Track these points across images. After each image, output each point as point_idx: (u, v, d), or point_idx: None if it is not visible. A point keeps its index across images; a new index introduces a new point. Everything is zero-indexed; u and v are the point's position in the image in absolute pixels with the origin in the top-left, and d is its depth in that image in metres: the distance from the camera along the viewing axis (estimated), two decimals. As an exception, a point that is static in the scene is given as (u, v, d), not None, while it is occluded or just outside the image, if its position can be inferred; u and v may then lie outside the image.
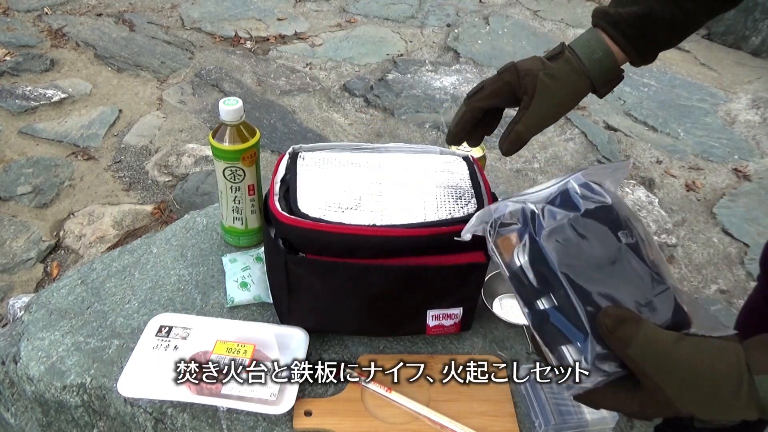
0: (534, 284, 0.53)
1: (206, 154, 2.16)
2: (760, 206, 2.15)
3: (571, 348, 0.51)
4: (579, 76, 0.71)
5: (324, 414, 0.72)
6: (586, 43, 0.71)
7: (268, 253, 0.80)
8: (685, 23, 0.70)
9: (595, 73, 0.71)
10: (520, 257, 0.54)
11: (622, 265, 0.52)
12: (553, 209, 0.55)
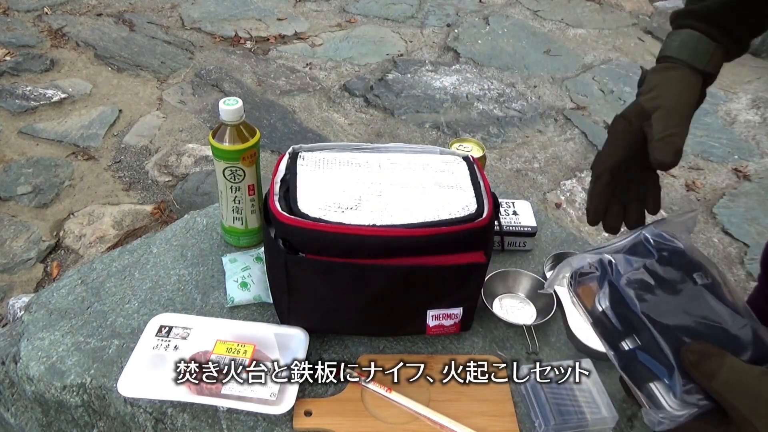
0: (618, 327, 0.56)
1: (206, 154, 2.16)
2: (760, 206, 2.15)
3: (658, 384, 0.53)
4: (682, 70, 0.66)
5: (324, 414, 0.72)
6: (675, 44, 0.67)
7: (268, 253, 0.80)
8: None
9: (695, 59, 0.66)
10: (601, 302, 0.57)
11: (700, 304, 0.55)
12: (629, 257, 0.58)
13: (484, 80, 2.79)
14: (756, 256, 1.93)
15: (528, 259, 0.98)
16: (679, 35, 0.68)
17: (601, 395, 0.75)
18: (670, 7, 3.64)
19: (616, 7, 3.61)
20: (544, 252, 0.99)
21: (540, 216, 1.04)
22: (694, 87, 0.66)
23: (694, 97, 0.66)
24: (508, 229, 0.97)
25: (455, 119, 2.51)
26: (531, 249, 1.00)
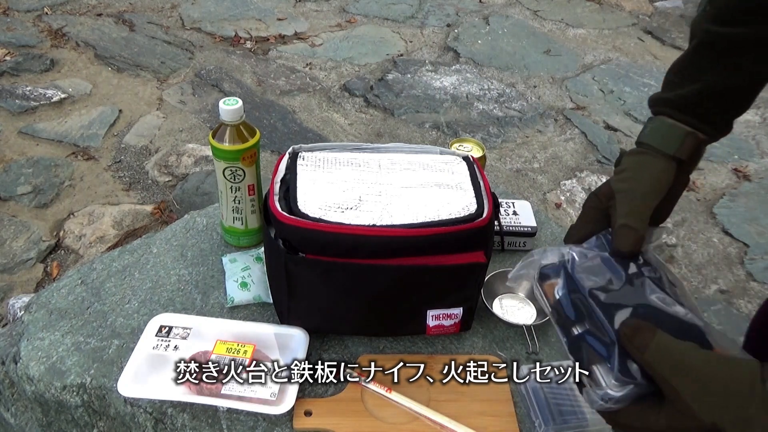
0: (570, 314, 0.59)
1: (206, 154, 2.16)
2: (760, 206, 2.15)
3: (601, 366, 0.55)
4: (651, 155, 0.67)
5: (324, 414, 0.72)
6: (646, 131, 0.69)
7: (268, 253, 0.80)
8: (750, 88, 0.67)
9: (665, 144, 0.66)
10: (558, 292, 0.61)
11: (644, 292, 0.58)
12: (585, 250, 0.63)
13: (484, 80, 2.79)
14: (756, 256, 1.93)
15: (528, 259, 0.98)
16: (653, 122, 0.69)
17: (601, 395, 0.74)
18: (670, 7, 3.64)
19: (616, 7, 3.61)
20: (544, 252, 0.99)
21: (540, 216, 1.04)
22: (664, 173, 0.66)
23: (662, 184, 0.66)
24: (508, 229, 0.97)
25: (455, 119, 2.51)
26: (531, 249, 1.00)
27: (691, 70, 0.68)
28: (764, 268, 1.89)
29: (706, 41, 0.67)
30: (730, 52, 0.65)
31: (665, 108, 0.68)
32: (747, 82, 0.66)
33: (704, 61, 0.67)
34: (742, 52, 0.65)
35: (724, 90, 0.66)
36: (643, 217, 0.63)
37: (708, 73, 0.66)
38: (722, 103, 0.67)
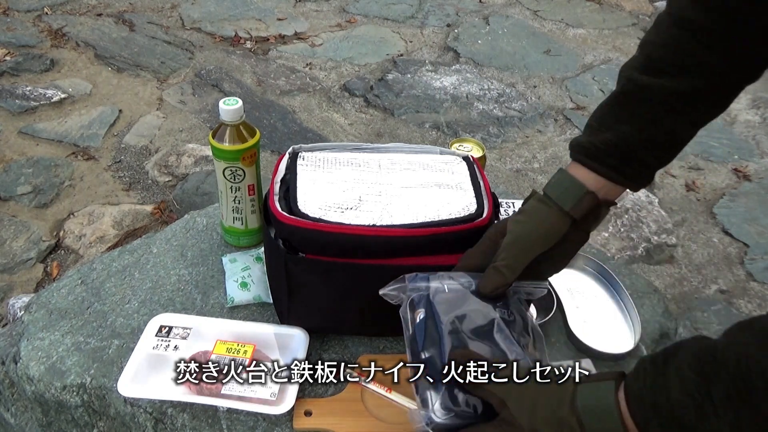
0: (423, 338, 0.64)
1: (206, 154, 2.16)
2: (760, 206, 2.15)
3: (433, 392, 0.61)
4: (547, 206, 0.67)
5: (324, 414, 0.72)
6: (552, 180, 0.70)
7: (268, 253, 0.80)
8: (668, 142, 0.66)
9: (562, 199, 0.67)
10: (418, 317, 0.65)
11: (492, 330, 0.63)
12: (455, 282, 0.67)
13: (484, 80, 2.79)
14: (756, 256, 1.93)
15: (528, 259, 0.98)
16: (560, 173, 0.69)
17: (601, 395, 0.74)
18: (670, 7, 3.64)
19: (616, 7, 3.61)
20: (544, 252, 0.99)
21: (540, 216, 1.04)
22: (554, 227, 0.66)
23: (550, 238, 0.66)
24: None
25: (455, 119, 2.51)
26: (531, 249, 1.00)
27: (609, 119, 0.67)
28: (764, 268, 1.89)
29: (626, 90, 0.65)
30: (650, 103, 0.64)
31: (579, 154, 0.68)
32: (663, 136, 0.65)
33: (623, 111, 0.66)
34: (662, 104, 0.63)
35: (638, 143, 0.64)
36: (517, 266, 0.65)
37: (625, 124, 0.65)
38: (635, 156, 0.65)
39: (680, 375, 0.49)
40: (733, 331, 0.49)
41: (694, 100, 0.63)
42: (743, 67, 0.63)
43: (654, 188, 2.21)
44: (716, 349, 0.49)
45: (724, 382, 0.47)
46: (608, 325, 0.88)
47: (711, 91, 0.64)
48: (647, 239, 1.97)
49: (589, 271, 0.96)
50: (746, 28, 0.60)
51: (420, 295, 0.67)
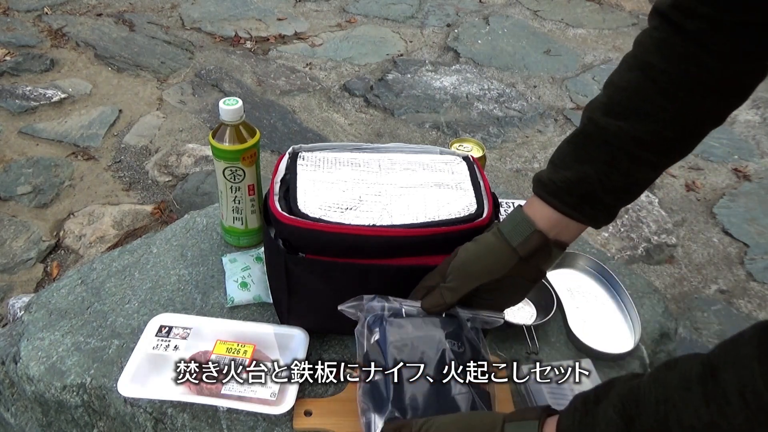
0: (376, 360, 0.66)
1: (206, 154, 2.16)
2: (760, 206, 2.15)
3: (378, 417, 0.64)
4: (497, 239, 0.68)
5: (324, 414, 0.72)
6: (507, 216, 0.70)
7: (268, 253, 0.80)
8: (627, 185, 0.65)
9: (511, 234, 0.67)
10: (372, 338, 0.68)
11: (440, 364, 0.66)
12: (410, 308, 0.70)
13: (484, 80, 2.79)
14: (756, 256, 1.93)
15: (528, 259, 0.98)
16: (515, 210, 0.69)
17: (601, 395, 0.74)
18: (670, 7, 3.63)
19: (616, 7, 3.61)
20: (544, 252, 0.99)
21: (540, 216, 1.04)
22: (499, 260, 0.67)
23: (494, 271, 0.67)
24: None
25: (455, 119, 2.51)
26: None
27: (569, 158, 0.66)
28: (764, 268, 1.89)
29: (587, 131, 0.65)
30: (609, 145, 0.63)
31: (538, 188, 0.68)
32: (622, 179, 0.64)
33: (582, 151, 0.65)
34: (620, 148, 0.63)
35: (597, 184, 0.64)
36: (459, 290, 0.68)
37: (585, 164, 0.64)
38: (594, 196, 0.65)
39: (606, 417, 0.52)
40: (660, 369, 0.51)
41: (653, 145, 0.63)
42: (705, 114, 0.62)
43: (654, 188, 2.21)
44: (639, 391, 0.50)
45: (644, 424, 0.49)
46: (608, 325, 0.88)
47: (671, 137, 0.63)
48: (647, 239, 1.97)
49: (589, 271, 0.96)
50: (709, 78, 0.59)
51: (375, 316, 0.69)
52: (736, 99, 0.62)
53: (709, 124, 0.64)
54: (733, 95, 0.62)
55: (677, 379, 0.48)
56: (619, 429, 0.50)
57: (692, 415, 0.45)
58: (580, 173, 0.64)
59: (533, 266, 0.67)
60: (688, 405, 0.46)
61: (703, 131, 0.64)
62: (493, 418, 0.61)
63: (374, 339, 0.68)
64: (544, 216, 0.66)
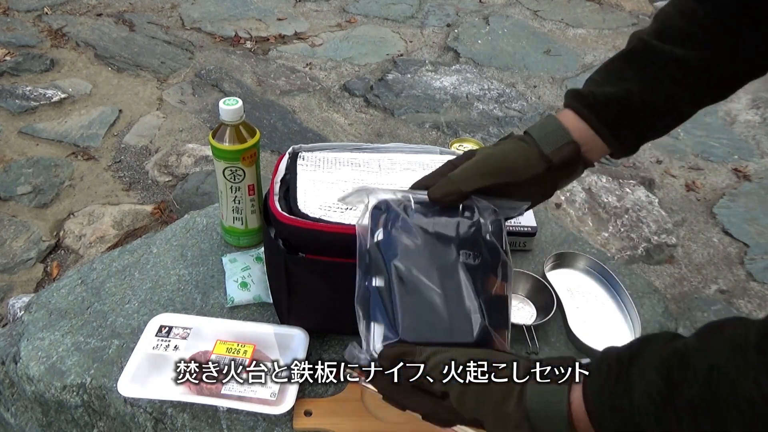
0: (375, 265, 0.60)
1: (206, 154, 2.16)
2: (760, 206, 2.15)
3: (378, 328, 0.58)
4: (526, 144, 0.66)
5: (324, 414, 0.72)
6: (537, 123, 0.68)
7: (268, 253, 0.80)
8: (666, 112, 0.65)
9: (543, 140, 0.65)
10: (378, 236, 0.60)
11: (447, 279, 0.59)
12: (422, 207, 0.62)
13: (484, 80, 2.79)
14: (756, 256, 1.93)
15: (528, 259, 0.98)
16: (548, 118, 0.67)
17: (601, 395, 0.74)
18: (670, 7, 3.63)
19: (616, 7, 3.61)
20: (544, 252, 0.99)
21: (540, 216, 1.04)
22: (527, 162, 0.64)
23: (518, 170, 0.64)
24: (508, 229, 0.97)
25: (455, 119, 2.51)
26: (531, 249, 1.00)
27: (613, 75, 0.66)
28: (764, 268, 1.89)
29: (637, 49, 0.66)
30: (656, 66, 0.64)
31: (574, 101, 0.67)
32: (663, 102, 0.64)
33: (629, 68, 0.66)
34: (667, 69, 0.63)
35: (638, 102, 0.64)
36: (471, 182, 0.63)
37: (628, 81, 0.64)
38: (632, 116, 0.65)
39: (644, 378, 0.47)
40: (704, 334, 0.47)
41: (700, 72, 0.63)
42: (754, 51, 0.63)
43: (654, 188, 2.21)
44: (686, 354, 0.46)
45: (691, 391, 0.44)
46: (608, 325, 0.88)
47: (718, 68, 0.63)
48: (647, 239, 1.97)
49: (589, 271, 0.96)
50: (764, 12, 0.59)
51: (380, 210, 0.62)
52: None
53: (753, 69, 0.64)
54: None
55: (730, 345, 0.44)
56: (662, 394, 0.45)
57: (750, 386, 0.42)
58: (623, 89, 0.64)
59: (553, 179, 0.66)
60: (745, 375, 0.42)
61: (746, 75, 0.64)
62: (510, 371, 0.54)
63: (376, 239, 0.61)
64: (577, 129, 0.65)
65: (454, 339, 0.57)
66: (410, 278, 0.58)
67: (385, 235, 0.60)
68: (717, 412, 0.43)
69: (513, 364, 0.54)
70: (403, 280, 0.58)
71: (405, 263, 0.58)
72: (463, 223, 0.62)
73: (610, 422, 0.48)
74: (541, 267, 0.95)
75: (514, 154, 0.65)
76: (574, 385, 0.51)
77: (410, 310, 0.57)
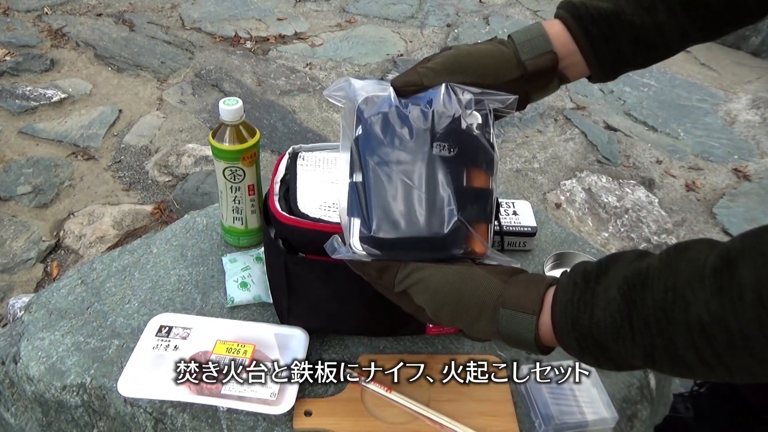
0: (356, 159, 0.60)
1: (206, 154, 2.16)
2: (760, 206, 2.15)
3: (355, 223, 0.58)
4: (504, 47, 0.64)
5: (324, 414, 0.72)
6: (524, 29, 0.66)
7: (268, 253, 0.80)
8: (654, 38, 0.64)
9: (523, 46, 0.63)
10: (356, 131, 0.61)
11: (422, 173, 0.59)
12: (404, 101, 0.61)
13: (484, 80, 2.79)
14: (756, 256, 1.93)
15: (528, 259, 0.98)
16: (533, 25, 0.66)
17: (602, 395, 0.75)
18: (670, 7, 3.63)
19: (616, 7, 3.61)
20: (544, 252, 0.99)
21: (540, 216, 1.04)
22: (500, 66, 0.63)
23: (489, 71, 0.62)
24: (508, 229, 0.97)
25: (455, 119, 2.52)
26: (531, 249, 1.00)
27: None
28: (764, 268, 1.89)
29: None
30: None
31: (564, 11, 0.65)
32: (652, 29, 0.63)
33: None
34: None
35: (628, 23, 0.63)
36: (437, 78, 0.62)
37: (623, 1, 0.63)
38: (618, 36, 0.64)
39: (607, 296, 0.49)
40: (669, 254, 0.48)
41: (695, 3, 0.63)
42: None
43: (654, 188, 2.21)
44: (647, 274, 0.47)
45: (647, 309, 0.46)
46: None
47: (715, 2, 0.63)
48: (647, 239, 1.97)
49: (589, 271, 0.96)
50: None
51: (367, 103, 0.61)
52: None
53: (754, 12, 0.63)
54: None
55: (690, 267, 0.45)
56: (621, 310, 0.48)
57: (701, 307, 0.43)
58: (616, 7, 0.63)
59: (527, 88, 0.65)
60: (699, 296, 0.44)
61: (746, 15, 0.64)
62: (488, 290, 0.56)
63: (356, 134, 0.60)
64: (561, 42, 0.64)
65: (425, 233, 0.58)
66: (383, 173, 0.58)
67: (364, 131, 0.60)
68: (669, 330, 0.45)
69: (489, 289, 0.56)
70: (377, 175, 0.58)
71: (379, 158, 0.59)
72: (440, 114, 0.61)
73: (571, 334, 0.51)
74: (541, 267, 0.94)
75: (488, 55, 0.64)
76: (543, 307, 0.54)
77: (382, 206, 0.58)
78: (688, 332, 0.44)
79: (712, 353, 0.44)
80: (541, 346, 0.55)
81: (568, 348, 0.53)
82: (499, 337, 0.56)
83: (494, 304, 0.55)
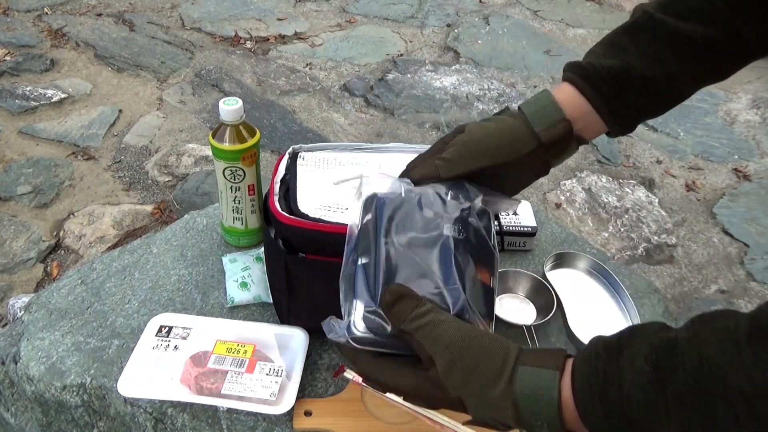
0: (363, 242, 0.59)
1: (206, 154, 2.16)
2: (760, 206, 2.15)
3: (359, 303, 0.56)
4: (517, 121, 0.64)
5: (324, 414, 0.72)
6: (531, 98, 0.66)
7: (268, 253, 0.80)
8: (666, 87, 0.64)
9: (535, 117, 0.63)
10: (364, 219, 0.60)
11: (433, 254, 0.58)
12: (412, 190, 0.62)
13: (484, 80, 2.79)
14: (756, 257, 1.93)
15: (528, 259, 0.98)
16: (542, 93, 0.65)
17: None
18: (670, 7, 3.64)
19: (616, 7, 3.61)
20: (544, 252, 0.99)
21: (540, 216, 1.04)
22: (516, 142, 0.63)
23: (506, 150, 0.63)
24: (508, 229, 0.97)
25: (455, 119, 2.52)
26: (531, 249, 1.00)
27: (615, 48, 0.64)
28: (764, 268, 1.89)
29: (640, 22, 0.64)
30: (659, 40, 0.62)
31: (572, 73, 0.65)
32: (663, 79, 0.63)
33: (631, 41, 0.64)
34: (670, 44, 0.62)
35: (639, 78, 0.62)
36: (456, 168, 0.63)
37: (630, 55, 0.63)
38: (631, 91, 0.63)
39: (634, 367, 0.45)
40: (694, 324, 0.45)
41: (703, 49, 0.62)
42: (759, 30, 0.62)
43: (654, 188, 2.21)
44: (676, 343, 0.44)
45: (681, 380, 0.43)
46: (608, 325, 0.88)
47: (722, 46, 0.62)
48: (647, 239, 1.97)
49: (589, 271, 0.96)
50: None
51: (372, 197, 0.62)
52: None
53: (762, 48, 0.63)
54: None
55: (721, 336, 0.43)
56: (651, 382, 0.44)
57: (741, 377, 0.40)
58: (625, 63, 0.62)
59: (545, 159, 0.65)
60: (737, 366, 0.41)
61: (749, 55, 0.63)
62: (505, 349, 0.51)
63: (365, 219, 0.60)
64: (573, 105, 0.64)
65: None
66: (395, 253, 0.58)
67: (375, 215, 0.60)
68: (707, 402, 0.42)
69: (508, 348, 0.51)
70: (388, 255, 0.57)
71: (390, 239, 0.58)
72: (452, 204, 0.62)
73: (599, 410, 0.46)
74: (541, 267, 0.95)
75: (500, 135, 0.64)
76: (563, 374, 0.49)
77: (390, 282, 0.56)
78: (728, 404, 0.41)
79: (756, 424, 0.41)
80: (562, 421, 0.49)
81: (594, 427, 0.47)
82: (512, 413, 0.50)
83: (513, 363, 0.50)
